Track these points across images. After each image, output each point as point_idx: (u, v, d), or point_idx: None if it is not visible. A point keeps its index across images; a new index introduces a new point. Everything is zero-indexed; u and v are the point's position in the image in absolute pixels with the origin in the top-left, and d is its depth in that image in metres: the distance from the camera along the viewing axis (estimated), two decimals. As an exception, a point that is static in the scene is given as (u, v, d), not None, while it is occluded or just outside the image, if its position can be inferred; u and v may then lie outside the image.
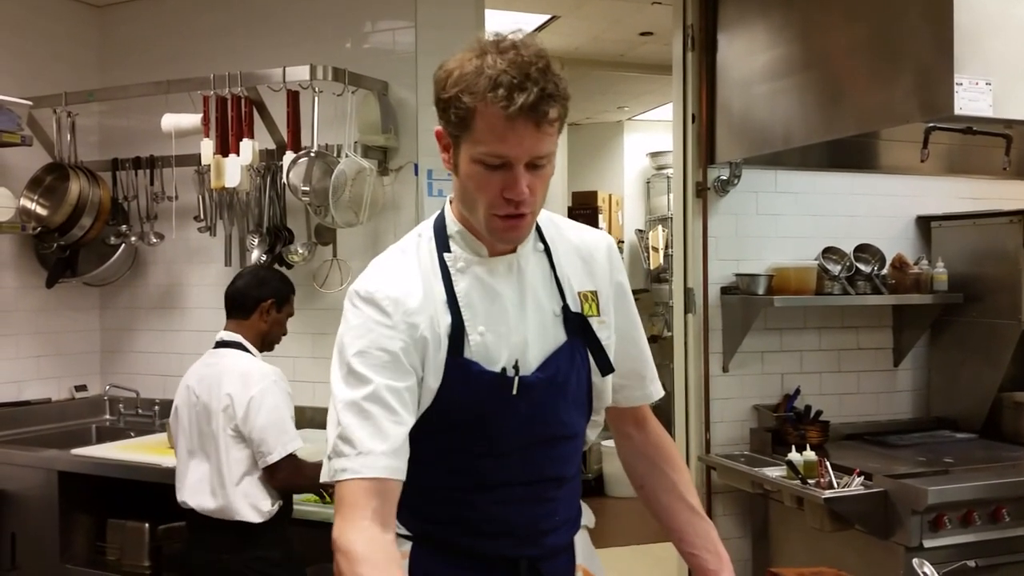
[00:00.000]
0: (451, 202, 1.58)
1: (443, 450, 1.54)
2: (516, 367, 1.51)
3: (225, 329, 2.93)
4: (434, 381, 1.50)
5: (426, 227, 1.60)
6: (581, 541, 1.70)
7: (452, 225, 1.56)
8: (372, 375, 1.44)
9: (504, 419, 1.52)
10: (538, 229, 1.61)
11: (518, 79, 1.35)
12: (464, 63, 1.40)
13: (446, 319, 1.50)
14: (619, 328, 1.67)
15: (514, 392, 1.50)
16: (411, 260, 1.55)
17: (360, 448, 1.40)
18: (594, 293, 1.63)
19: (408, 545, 1.59)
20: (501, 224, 1.46)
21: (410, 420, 1.46)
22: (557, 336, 1.57)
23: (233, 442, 2.72)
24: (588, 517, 1.75)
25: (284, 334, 3.01)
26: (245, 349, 2.88)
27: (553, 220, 1.67)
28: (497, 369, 1.51)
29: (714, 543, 1.72)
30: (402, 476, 1.43)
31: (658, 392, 1.77)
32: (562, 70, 1.41)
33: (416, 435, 1.48)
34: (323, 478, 1.45)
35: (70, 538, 3.51)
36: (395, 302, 1.48)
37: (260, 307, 2.91)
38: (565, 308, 1.58)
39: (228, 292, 2.95)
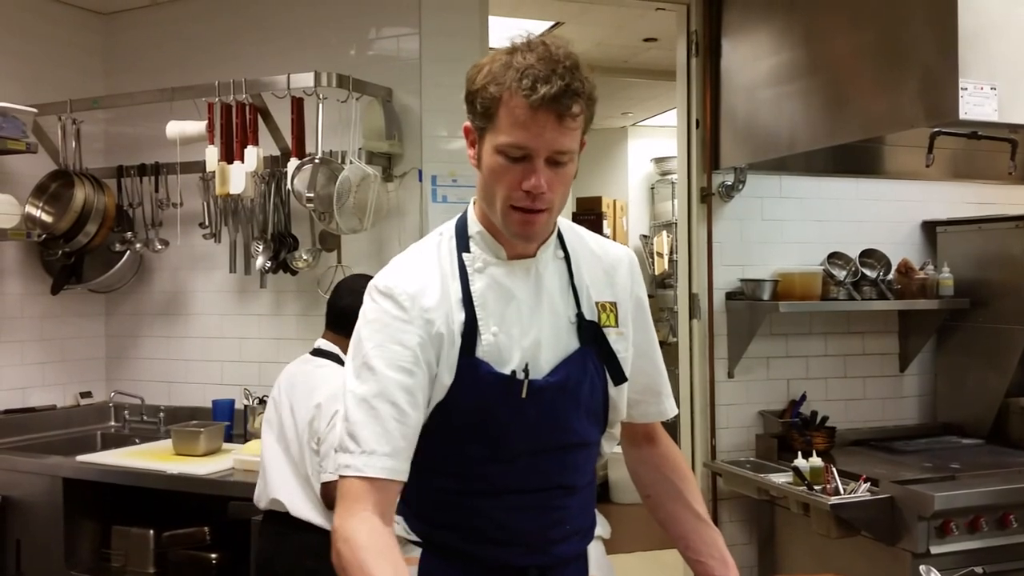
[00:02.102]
0: (474, 203, 1.60)
1: (451, 454, 1.54)
2: (526, 370, 1.51)
3: (324, 338, 2.87)
4: (448, 378, 1.50)
5: (448, 227, 1.62)
6: (595, 552, 1.69)
7: (473, 226, 1.58)
8: (385, 370, 1.45)
9: (512, 422, 1.51)
10: (560, 237, 1.62)
11: (544, 72, 1.39)
12: (495, 59, 1.46)
13: (460, 317, 1.51)
14: (636, 343, 1.67)
15: (523, 395, 1.50)
16: (430, 258, 1.57)
17: (364, 447, 1.42)
18: (613, 304, 1.63)
19: (417, 551, 1.59)
20: (517, 217, 1.47)
21: (418, 418, 1.47)
22: (570, 343, 1.57)
23: (313, 453, 2.66)
24: (604, 528, 1.74)
25: None
26: (342, 363, 2.78)
27: (576, 230, 1.68)
28: (507, 371, 1.51)
29: (720, 549, 1.70)
30: (402, 476, 1.44)
31: (672, 409, 1.78)
32: (591, 73, 1.45)
33: (425, 438, 1.49)
34: (328, 470, 1.46)
35: (75, 545, 3.51)
36: (412, 297, 1.49)
37: None
38: (579, 315, 1.58)
39: (335, 307, 2.86)
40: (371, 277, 3.24)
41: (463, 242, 1.57)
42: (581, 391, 1.56)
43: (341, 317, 2.84)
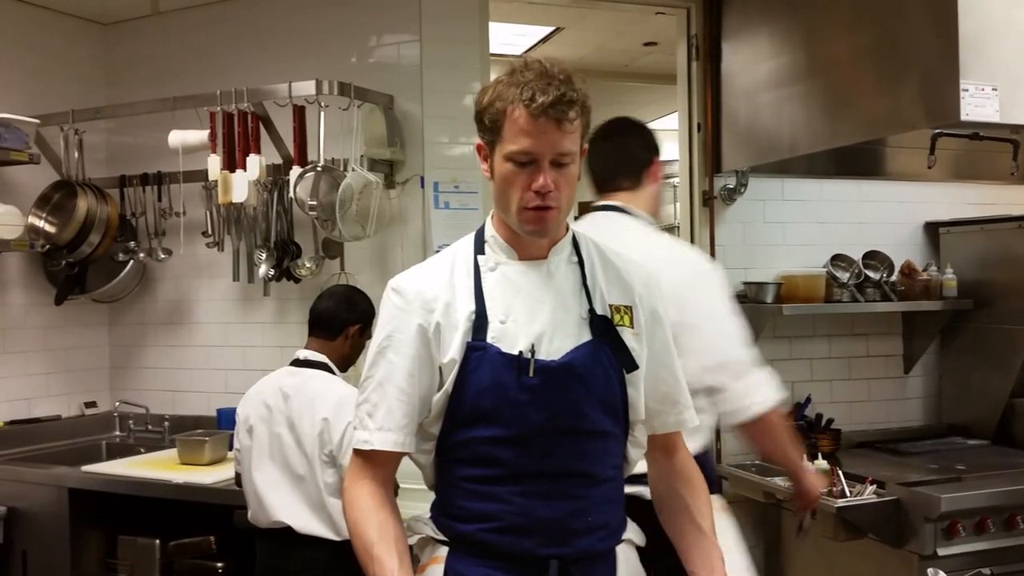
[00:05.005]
0: (492, 216, 1.74)
1: (470, 439, 1.62)
2: (532, 350, 1.61)
3: (308, 347, 2.87)
4: (452, 365, 1.62)
5: (468, 237, 1.77)
6: (625, 555, 1.72)
7: (489, 231, 1.73)
8: (393, 357, 1.65)
9: (522, 401, 1.59)
10: (576, 245, 1.74)
11: (542, 84, 1.56)
12: (498, 81, 1.63)
13: (470, 306, 1.64)
14: (653, 353, 1.74)
15: (530, 374, 1.59)
16: (444, 260, 1.73)
17: (378, 424, 1.64)
18: (628, 307, 1.72)
19: (444, 550, 1.66)
20: (531, 216, 1.61)
21: (420, 395, 1.64)
22: (582, 335, 1.66)
23: (326, 465, 2.66)
24: (637, 535, 1.76)
25: (358, 356, 2.95)
26: (330, 370, 2.82)
27: (597, 243, 1.79)
28: (515, 352, 1.61)
29: (711, 562, 1.73)
30: (407, 448, 1.66)
31: (692, 420, 1.82)
32: (583, 83, 1.61)
33: (446, 425, 1.64)
34: (352, 445, 1.67)
35: (81, 555, 3.51)
36: (414, 291, 1.67)
37: (347, 330, 2.86)
38: (591, 311, 1.67)
39: (316, 311, 2.89)
40: (353, 287, 3.29)
41: (479, 246, 1.72)
42: (593, 378, 1.63)
43: (320, 320, 2.89)
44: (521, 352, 1.60)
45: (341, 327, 2.87)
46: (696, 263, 2.38)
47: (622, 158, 2.46)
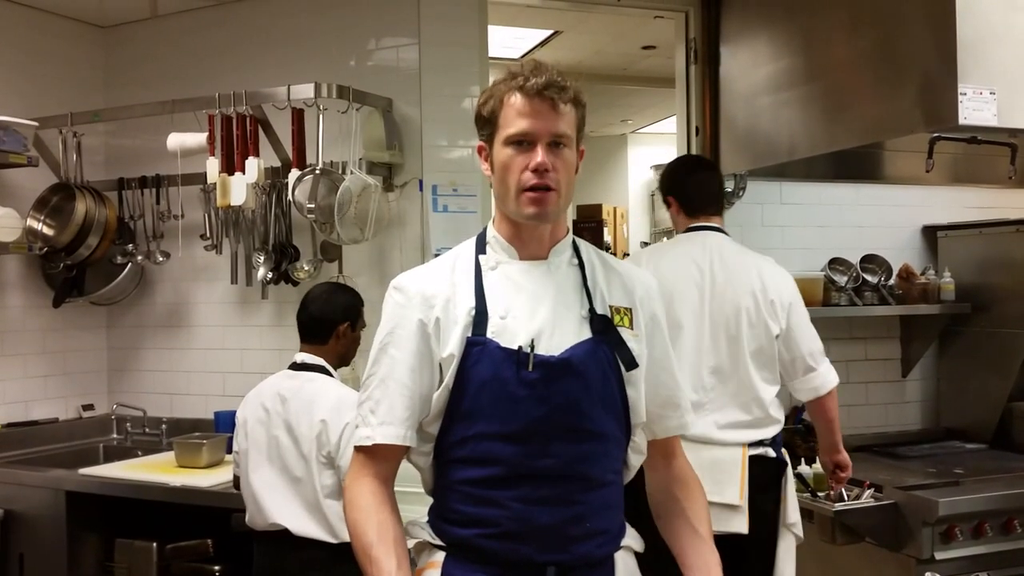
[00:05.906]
0: (493, 220, 1.77)
1: (469, 437, 1.62)
2: (532, 345, 1.62)
3: (303, 351, 2.87)
4: (451, 360, 1.63)
5: (470, 239, 1.80)
6: (623, 562, 1.72)
7: (491, 232, 1.76)
8: (394, 352, 1.67)
9: (521, 396, 1.59)
10: (576, 249, 1.76)
11: (535, 72, 1.63)
12: (495, 82, 1.69)
13: (470, 302, 1.66)
14: (653, 357, 1.76)
15: (529, 368, 1.59)
16: (446, 261, 1.76)
17: (380, 419, 1.65)
18: (628, 309, 1.73)
19: (440, 555, 1.66)
20: (530, 197, 1.63)
21: (421, 390, 1.66)
22: (582, 333, 1.66)
23: (324, 467, 2.66)
24: (636, 541, 1.76)
25: (355, 351, 2.96)
26: (328, 373, 2.83)
27: (599, 251, 1.82)
28: (514, 347, 1.61)
29: (707, 565, 1.74)
30: (409, 442, 1.66)
31: (692, 424, 1.85)
32: (577, 81, 1.67)
33: (443, 424, 1.65)
34: (354, 442, 1.69)
35: (78, 558, 3.50)
36: (416, 288, 1.70)
37: (336, 331, 2.86)
38: (591, 311, 1.69)
39: (302, 319, 2.88)
40: (334, 284, 3.29)
41: (481, 247, 1.75)
42: (592, 375, 1.63)
43: (308, 328, 2.88)
44: (520, 347, 1.61)
45: (330, 329, 2.87)
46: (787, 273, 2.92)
47: (715, 189, 2.99)
